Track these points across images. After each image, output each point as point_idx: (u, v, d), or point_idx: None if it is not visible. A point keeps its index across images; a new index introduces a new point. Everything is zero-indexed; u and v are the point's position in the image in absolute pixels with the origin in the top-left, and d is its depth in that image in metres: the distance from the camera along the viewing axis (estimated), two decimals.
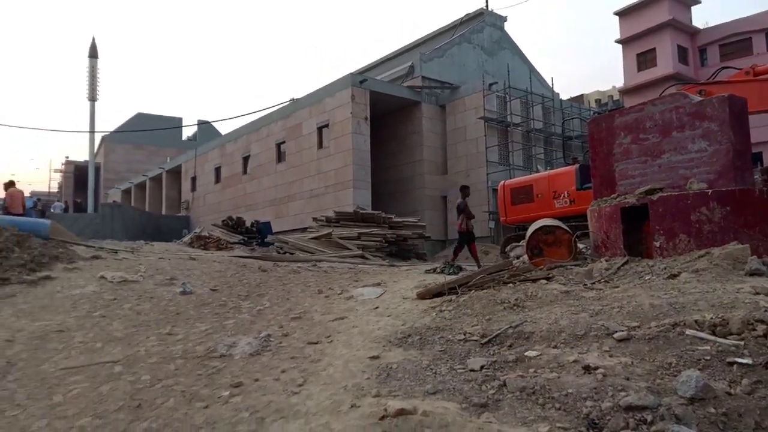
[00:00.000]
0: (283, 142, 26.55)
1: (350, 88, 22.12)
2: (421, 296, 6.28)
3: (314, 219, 19.57)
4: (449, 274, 8.32)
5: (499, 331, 4.45)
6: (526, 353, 3.86)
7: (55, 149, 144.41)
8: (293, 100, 26.50)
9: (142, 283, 7.97)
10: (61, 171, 59.27)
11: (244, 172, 29.99)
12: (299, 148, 25.28)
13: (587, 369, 3.35)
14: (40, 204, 24.79)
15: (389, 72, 28.49)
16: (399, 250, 16.79)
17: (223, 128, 51.58)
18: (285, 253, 15.51)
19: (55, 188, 62.26)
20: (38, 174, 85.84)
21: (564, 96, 30.30)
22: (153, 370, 4.37)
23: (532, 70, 29.72)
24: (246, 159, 29.91)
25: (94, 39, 37.64)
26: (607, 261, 6.69)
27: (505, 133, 23.83)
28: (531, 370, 3.54)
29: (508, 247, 11.02)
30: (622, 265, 6.30)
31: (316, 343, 5.00)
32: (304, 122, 25.00)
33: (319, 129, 24.00)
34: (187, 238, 19.13)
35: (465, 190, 12.94)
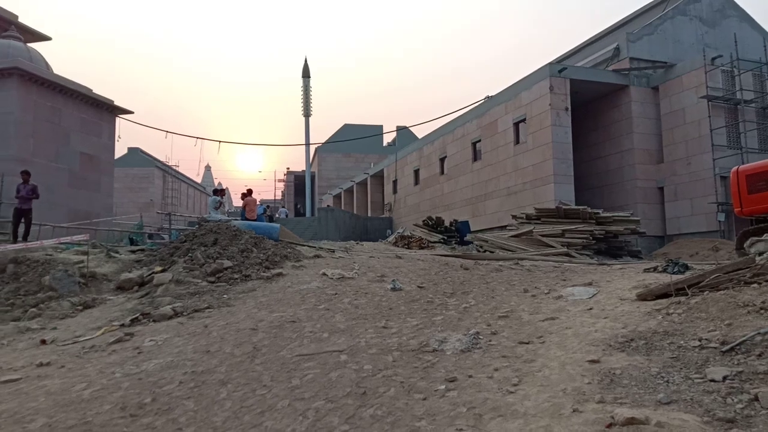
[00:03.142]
0: (479, 141, 26.53)
1: (548, 78, 21.21)
2: (643, 297, 5.75)
3: (513, 216, 19.18)
4: (674, 273, 7.47)
5: (744, 338, 3.89)
6: None
7: (279, 161, 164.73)
8: (488, 97, 26.34)
9: (357, 279, 8.62)
10: (283, 180, 67.18)
11: (441, 172, 30.67)
12: (495, 145, 25.03)
13: None
14: (269, 210, 28.34)
15: (590, 57, 26.67)
16: (609, 248, 15.61)
17: (420, 132, 53.53)
18: (485, 251, 15.48)
19: (279, 196, 70.75)
20: (265, 184, 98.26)
21: None
22: (373, 361, 4.67)
23: (766, 37, 25.34)
24: (443, 160, 30.56)
25: (306, 60, 41.73)
26: None
27: (735, 112, 20.67)
28: None
29: (747, 243, 9.51)
30: None
31: (528, 343, 4.88)
32: (500, 119, 24.66)
33: (516, 124, 23.45)
34: (391, 238, 20.23)
35: None
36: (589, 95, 22.93)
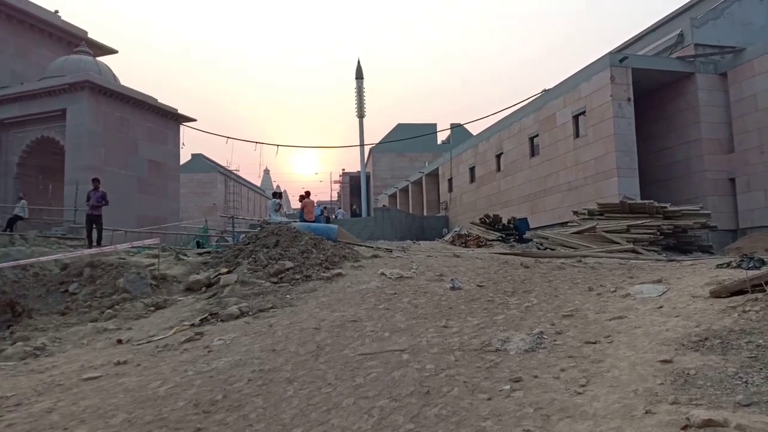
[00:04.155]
0: (536, 136, 25.98)
1: (608, 68, 20.51)
2: (716, 294, 5.48)
3: (574, 212, 18.66)
4: (749, 268, 7.07)
5: None
6: None
7: (334, 163, 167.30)
8: (545, 91, 25.75)
9: (416, 279, 8.62)
10: (339, 182, 68.10)
11: (498, 169, 30.23)
12: (553, 139, 24.44)
13: None
14: (326, 211, 28.81)
15: (652, 45, 25.61)
16: (677, 243, 14.93)
17: (475, 129, 52.95)
18: (545, 248, 15.14)
19: (335, 197, 71.76)
20: (321, 186, 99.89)
21: None
22: (435, 360, 4.68)
23: None
24: (498, 156, 30.12)
25: (359, 62, 42.15)
26: None
27: None
28: None
29: None
30: None
31: (594, 343, 4.75)
32: (558, 112, 24.07)
33: (575, 117, 22.82)
34: (447, 237, 20.13)
35: None
36: (652, 84, 22.03)
